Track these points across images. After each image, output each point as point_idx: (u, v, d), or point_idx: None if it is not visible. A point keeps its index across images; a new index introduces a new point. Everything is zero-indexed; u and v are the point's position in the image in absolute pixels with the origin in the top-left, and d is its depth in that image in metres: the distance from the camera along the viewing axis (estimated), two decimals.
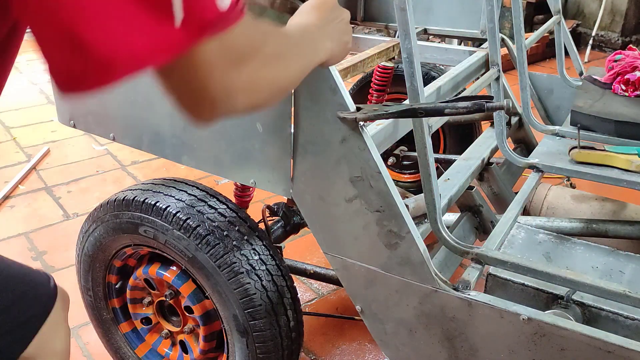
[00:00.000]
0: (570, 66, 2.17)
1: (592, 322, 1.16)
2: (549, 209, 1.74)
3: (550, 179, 2.55)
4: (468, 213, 1.61)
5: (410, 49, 1.08)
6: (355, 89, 2.59)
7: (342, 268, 1.24)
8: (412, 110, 1.03)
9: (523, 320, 1.08)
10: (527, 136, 1.97)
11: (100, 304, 1.58)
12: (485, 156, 1.71)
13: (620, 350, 1.00)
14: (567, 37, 2.12)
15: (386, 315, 1.24)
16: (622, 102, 1.82)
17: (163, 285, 1.48)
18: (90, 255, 1.51)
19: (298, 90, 1.12)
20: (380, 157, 1.12)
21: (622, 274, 1.29)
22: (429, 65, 2.41)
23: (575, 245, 1.39)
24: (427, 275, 1.15)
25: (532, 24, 5.19)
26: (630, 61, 1.89)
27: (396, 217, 1.13)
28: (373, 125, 1.27)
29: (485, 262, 1.24)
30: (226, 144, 1.27)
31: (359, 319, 1.40)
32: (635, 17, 5.23)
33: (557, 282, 1.17)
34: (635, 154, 1.55)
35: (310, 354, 1.82)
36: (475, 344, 1.16)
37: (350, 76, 1.81)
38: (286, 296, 1.35)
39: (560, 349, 1.06)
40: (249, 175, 1.27)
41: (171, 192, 1.36)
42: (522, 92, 1.80)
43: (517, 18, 1.75)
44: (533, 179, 1.63)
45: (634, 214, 1.65)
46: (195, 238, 1.29)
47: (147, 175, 2.93)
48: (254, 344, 1.33)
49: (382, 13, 2.36)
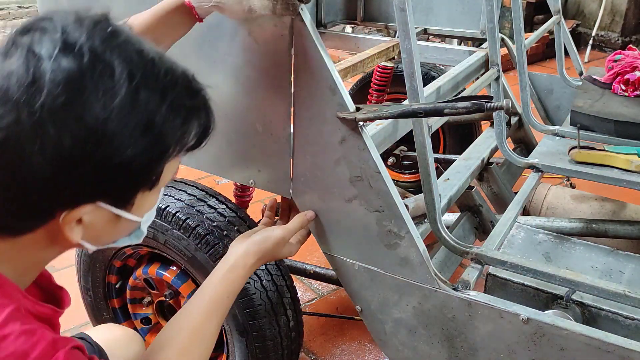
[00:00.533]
0: (570, 66, 2.17)
1: (592, 322, 1.16)
2: (549, 209, 1.74)
3: (550, 179, 2.55)
4: (468, 213, 1.61)
5: (410, 49, 1.08)
6: (355, 89, 2.59)
7: (342, 268, 1.24)
8: (411, 110, 1.03)
9: (523, 320, 1.08)
10: (527, 136, 1.97)
11: (100, 304, 1.58)
12: (485, 156, 1.71)
13: (620, 350, 1.00)
14: (567, 37, 2.12)
15: (386, 315, 1.24)
16: (622, 102, 1.82)
17: (163, 285, 1.48)
18: (90, 256, 1.51)
19: (298, 90, 1.12)
20: (380, 157, 1.12)
21: (622, 274, 1.29)
22: (429, 65, 2.41)
23: (575, 245, 1.39)
24: (426, 275, 1.15)
25: (532, 24, 5.19)
26: (630, 61, 1.89)
27: (396, 217, 1.13)
28: (373, 125, 1.27)
29: (485, 262, 1.24)
30: (226, 144, 1.27)
31: (359, 319, 1.40)
32: (635, 17, 5.23)
33: (556, 282, 1.17)
34: (635, 154, 1.55)
35: (310, 354, 1.82)
36: (475, 344, 1.16)
37: (350, 76, 1.81)
38: (286, 296, 1.35)
39: (560, 349, 1.06)
40: (249, 175, 1.27)
41: (170, 192, 1.36)
42: (522, 92, 1.80)
43: (517, 18, 1.75)
44: (533, 179, 1.63)
45: (633, 214, 1.65)
46: (195, 238, 1.29)
47: None
48: (254, 344, 1.33)
49: (382, 13, 2.37)
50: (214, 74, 1.21)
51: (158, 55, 0.71)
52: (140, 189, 0.73)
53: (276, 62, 1.12)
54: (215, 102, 0.73)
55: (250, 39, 1.13)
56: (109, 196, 0.70)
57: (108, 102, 0.64)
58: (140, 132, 0.67)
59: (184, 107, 0.72)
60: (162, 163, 0.72)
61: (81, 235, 0.72)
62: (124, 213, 0.73)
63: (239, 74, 1.18)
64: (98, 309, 1.59)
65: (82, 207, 0.69)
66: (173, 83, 0.71)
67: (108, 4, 1.31)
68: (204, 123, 0.77)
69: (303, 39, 1.06)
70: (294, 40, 1.07)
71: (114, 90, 0.65)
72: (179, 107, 0.71)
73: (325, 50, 1.07)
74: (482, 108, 0.97)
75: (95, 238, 0.76)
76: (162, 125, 0.69)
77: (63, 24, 0.67)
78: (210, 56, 1.20)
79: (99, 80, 0.64)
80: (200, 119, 0.76)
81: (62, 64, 0.63)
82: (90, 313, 1.62)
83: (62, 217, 0.69)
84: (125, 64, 0.66)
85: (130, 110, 0.65)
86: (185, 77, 0.74)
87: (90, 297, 1.58)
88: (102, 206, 0.70)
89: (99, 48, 0.66)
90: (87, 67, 0.64)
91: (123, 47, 0.68)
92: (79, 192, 0.68)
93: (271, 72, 1.13)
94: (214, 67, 1.21)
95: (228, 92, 1.21)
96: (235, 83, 1.19)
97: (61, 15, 0.69)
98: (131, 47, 0.69)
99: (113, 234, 0.78)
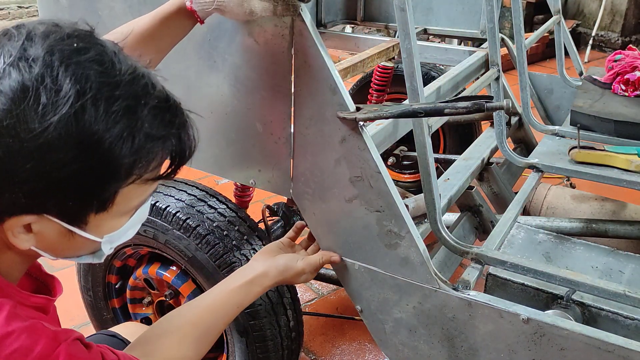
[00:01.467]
0: (570, 66, 2.17)
1: (592, 322, 1.16)
2: (549, 209, 1.74)
3: (550, 179, 2.55)
4: (468, 213, 1.61)
5: (410, 49, 1.08)
6: (355, 89, 2.59)
7: (342, 268, 1.24)
8: (412, 110, 1.02)
9: (523, 320, 1.08)
10: (527, 136, 1.97)
11: (100, 304, 1.58)
12: (485, 156, 1.71)
13: (620, 350, 1.00)
14: (567, 37, 2.12)
15: (386, 315, 1.24)
16: (622, 102, 1.82)
17: (163, 285, 1.48)
18: None
19: (298, 90, 1.12)
20: (380, 157, 1.12)
21: (622, 274, 1.29)
22: (429, 65, 2.41)
23: (575, 245, 1.39)
24: (427, 275, 1.15)
25: (532, 24, 5.20)
26: (630, 61, 1.89)
27: (396, 217, 1.13)
28: (373, 125, 1.27)
29: (485, 262, 1.24)
30: (226, 144, 1.27)
31: (359, 319, 1.40)
32: (635, 17, 5.24)
33: (556, 282, 1.17)
34: (635, 154, 1.55)
35: (310, 354, 1.82)
36: (475, 343, 1.16)
37: (350, 76, 1.81)
38: (286, 296, 1.35)
39: (560, 349, 1.06)
40: (249, 175, 1.27)
41: (171, 192, 1.36)
42: (522, 92, 1.80)
43: (517, 18, 1.75)
44: (533, 179, 1.63)
45: (633, 214, 1.65)
46: (195, 238, 1.29)
47: None
48: (254, 344, 1.33)
49: (382, 13, 2.37)
50: (214, 73, 1.21)
51: (132, 77, 0.70)
52: (91, 209, 0.71)
53: (276, 62, 1.12)
54: (215, 103, 0.73)
55: (250, 38, 1.13)
56: (52, 210, 0.70)
57: (47, 117, 0.63)
58: (81, 151, 0.65)
59: (144, 134, 0.69)
60: (111, 186, 0.70)
61: (32, 243, 0.73)
62: (77, 230, 0.73)
63: (239, 73, 1.18)
64: (98, 309, 1.59)
65: (24, 217, 0.69)
66: (134, 108, 0.69)
67: (109, 3, 1.32)
68: (177, 152, 0.75)
69: (303, 39, 1.06)
70: (294, 40, 1.07)
71: (57, 105, 0.64)
72: (137, 132, 0.68)
73: (326, 50, 1.07)
74: (482, 108, 0.97)
75: (51, 249, 0.76)
76: (110, 148, 0.67)
77: (29, 34, 0.67)
78: (210, 56, 1.20)
79: (42, 94, 0.64)
80: (167, 149, 0.73)
81: (12, 74, 0.64)
82: (90, 313, 1.62)
83: (4, 223, 0.70)
84: (77, 82, 0.65)
85: (72, 128, 0.64)
86: (158, 105, 0.71)
87: (90, 297, 1.58)
88: (50, 219, 0.70)
89: (55, 63, 0.65)
90: (34, 79, 0.64)
91: (83, 65, 0.67)
92: (15, 202, 0.67)
93: (271, 72, 1.13)
94: (214, 67, 1.21)
95: (228, 92, 1.21)
96: (235, 83, 1.20)
97: (33, 25, 0.69)
98: (94, 66, 0.67)
99: (71, 248, 0.77)
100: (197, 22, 1.06)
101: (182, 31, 1.07)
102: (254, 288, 1.11)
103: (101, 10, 1.33)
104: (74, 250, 0.78)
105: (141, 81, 0.71)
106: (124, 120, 0.67)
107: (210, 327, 1.03)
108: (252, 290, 1.11)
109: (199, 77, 1.24)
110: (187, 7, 1.02)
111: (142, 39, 1.01)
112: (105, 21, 1.33)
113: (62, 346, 0.70)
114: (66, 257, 0.79)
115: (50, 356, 0.69)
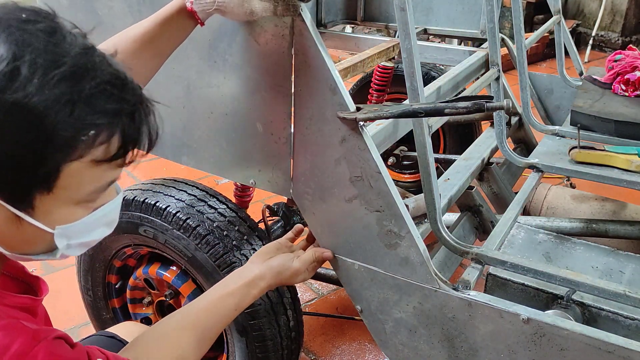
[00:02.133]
0: (570, 66, 2.17)
1: (592, 322, 1.16)
2: (549, 209, 1.74)
3: (550, 179, 2.55)
4: (468, 213, 1.61)
5: (410, 49, 1.08)
6: (355, 89, 2.59)
7: (342, 268, 1.24)
8: (412, 110, 1.02)
9: (523, 320, 1.08)
10: (527, 136, 1.97)
11: (100, 304, 1.58)
12: (485, 156, 1.71)
13: (620, 350, 1.00)
14: (567, 37, 2.12)
15: (386, 315, 1.24)
16: (622, 102, 1.82)
17: (163, 285, 1.48)
18: (90, 255, 1.51)
19: (298, 90, 1.12)
20: (380, 157, 1.12)
21: (622, 274, 1.29)
22: (429, 65, 2.41)
23: (575, 245, 1.39)
24: (427, 275, 1.15)
25: (532, 24, 5.19)
26: (630, 61, 1.89)
27: (396, 217, 1.13)
28: (373, 125, 1.27)
29: (485, 262, 1.24)
30: (226, 144, 1.27)
31: (359, 319, 1.40)
32: (635, 17, 5.23)
33: (556, 282, 1.17)
34: (635, 154, 1.55)
35: (310, 354, 1.82)
36: (475, 344, 1.16)
37: (350, 76, 1.81)
38: (286, 296, 1.35)
39: (560, 349, 1.06)
40: (249, 175, 1.27)
41: (171, 192, 1.36)
42: (522, 92, 1.80)
43: (517, 18, 1.75)
44: (533, 179, 1.63)
45: (634, 214, 1.65)
46: (195, 238, 1.29)
47: (147, 175, 2.93)
48: (254, 344, 1.33)
49: (382, 13, 2.37)
50: (215, 74, 1.21)
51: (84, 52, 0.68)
52: (35, 187, 0.67)
53: (276, 62, 1.12)
54: (215, 103, 0.72)
55: (250, 38, 1.13)
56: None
57: None
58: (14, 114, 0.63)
59: (86, 104, 0.66)
60: (50, 158, 0.66)
61: None
62: (24, 215, 0.69)
63: (239, 73, 1.18)
64: (98, 309, 1.59)
65: None
66: (78, 77, 0.66)
67: (109, 3, 1.32)
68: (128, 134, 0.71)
69: (303, 39, 1.06)
70: (294, 40, 1.07)
71: None
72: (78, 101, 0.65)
73: (326, 50, 1.07)
74: (483, 108, 0.97)
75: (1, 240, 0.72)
76: (45, 113, 0.64)
77: None
78: (210, 56, 1.20)
79: None
80: (115, 126, 0.69)
81: None
82: (90, 313, 1.62)
83: None
84: (16, 45, 0.64)
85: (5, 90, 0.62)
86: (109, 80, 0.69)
87: (90, 297, 1.58)
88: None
89: None
90: None
91: (29, 32, 0.65)
92: None
93: (272, 72, 1.13)
94: (214, 67, 1.21)
95: (228, 92, 1.21)
96: (235, 83, 1.20)
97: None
98: (41, 35, 0.65)
99: (24, 241, 0.73)
100: (197, 24, 1.06)
101: (183, 33, 1.07)
102: (251, 290, 1.11)
103: (100, 10, 1.33)
104: (28, 244, 0.73)
105: (95, 58, 0.69)
106: (62, 86, 0.65)
107: (207, 330, 1.03)
108: (250, 292, 1.11)
109: (199, 77, 1.24)
110: (187, 8, 1.02)
111: (142, 43, 1.00)
112: (105, 21, 1.33)
113: (41, 344, 0.68)
114: (22, 253, 0.75)
115: (28, 354, 0.67)
